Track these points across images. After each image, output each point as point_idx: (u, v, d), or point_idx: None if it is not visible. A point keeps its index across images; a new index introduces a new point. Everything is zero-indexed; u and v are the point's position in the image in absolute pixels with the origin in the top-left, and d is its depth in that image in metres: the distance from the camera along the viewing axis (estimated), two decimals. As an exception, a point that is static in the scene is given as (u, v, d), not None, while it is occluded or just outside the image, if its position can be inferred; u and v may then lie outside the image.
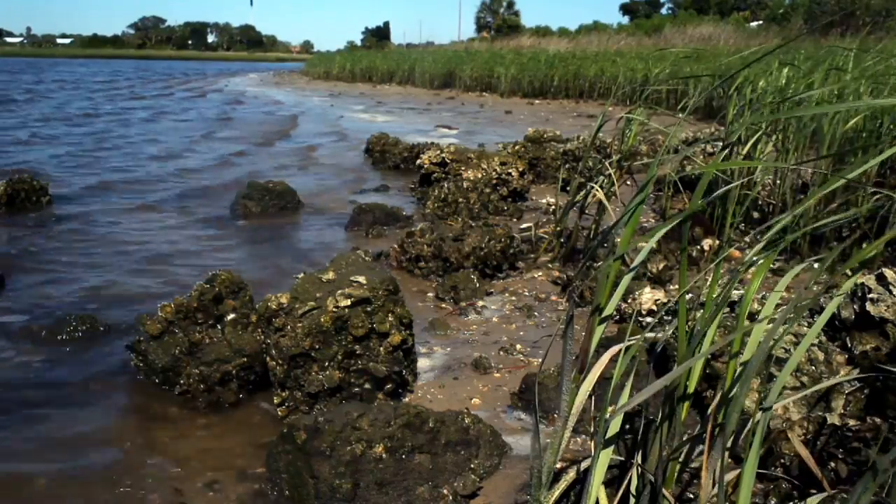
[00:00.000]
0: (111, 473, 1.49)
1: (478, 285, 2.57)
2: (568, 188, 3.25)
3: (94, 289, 2.65)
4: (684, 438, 1.22)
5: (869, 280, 1.47)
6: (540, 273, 2.79)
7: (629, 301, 2.05)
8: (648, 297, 1.97)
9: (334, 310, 1.68)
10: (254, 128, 9.10)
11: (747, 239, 2.53)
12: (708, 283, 1.26)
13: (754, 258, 1.15)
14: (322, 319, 1.67)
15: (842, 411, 1.38)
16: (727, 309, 1.58)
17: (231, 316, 1.84)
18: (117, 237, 3.45)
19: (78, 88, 17.10)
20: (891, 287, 1.45)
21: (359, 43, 63.93)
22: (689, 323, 1.26)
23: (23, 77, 22.94)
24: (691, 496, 1.26)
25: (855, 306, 1.46)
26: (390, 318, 1.74)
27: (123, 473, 1.49)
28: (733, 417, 1.04)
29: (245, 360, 1.81)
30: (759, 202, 2.71)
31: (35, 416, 1.72)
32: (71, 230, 3.55)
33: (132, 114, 10.68)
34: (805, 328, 1.49)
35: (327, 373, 1.69)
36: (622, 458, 1.31)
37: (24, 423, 1.68)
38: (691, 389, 1.42)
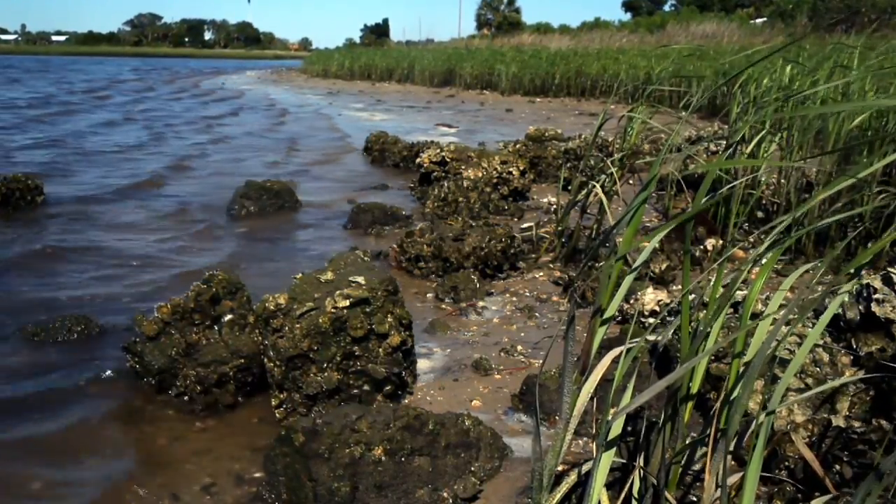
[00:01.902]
0: (107, 477, 1.47)
1: (478, 285, 2.55)
2: (569, 187, 3.23)
3: (88, 289, 2.64)
4: (687, 441, 1.20)
5: (874, 280, 1.45)
6: (541, 273, 2.77)
7: (631, 302, 2.03)
8: (651, 297, 1.95)
9: (333, 310, 1.66)
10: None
11: (751, 239, 2.51)
12: (711, 283, 1.24)
13: (758, 258, 1.13)
14: (320, 320, 1.66)
15: (847, 413, 1.36)
16: (730, 309, 1.57)
17: (228, 317, 1.82)
18: (112, 236, 3.43)
19: (150, 90, 16.61)
20: (897, 287, 1.42)
21: (358, 40, 63.82)
22: (692, 324, 1.24)
23: (72, 76, 22.41)
24: (694, 499, 1.25)
25: (860, 307, 1.44)
26: (389, 319, 1.72)
27: (119, 477, 1.47)
28: (736, 419, 1.02)
29: (242, 361, 1.79)
30: (763, 202, 2.69)
31: (29, 419, 1.70)
32: (65, 229, 3.54)
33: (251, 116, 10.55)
34: (810, 329, 1.47)
35: (326, 374, 1.67)
36: (624, 461, 1.29)
37: (17, 426, 1.67)
38: (694, 390, 1.40)
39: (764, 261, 1.11)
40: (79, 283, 2.71)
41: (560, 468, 1.32)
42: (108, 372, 1.93)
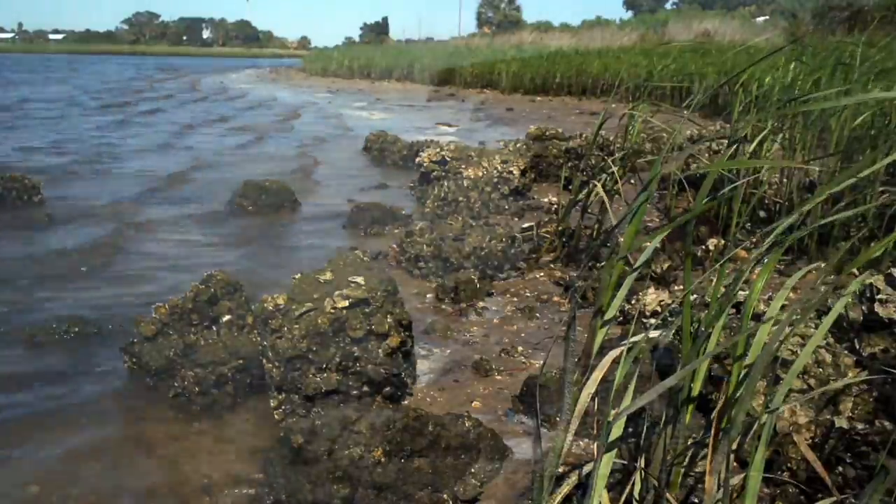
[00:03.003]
0: (104, 479, 1.46)
1: (478, 286, 2.54)
2: (570, 187, 3.22)
3: (85, 289, 2.63)
4: (689, 442, 1.19)
5: (878, 281, 1.44)
6: (542, 273, 2.76)
7: (633, 302, 2.02)
8: (653, 297, 1.94)
9: (332, 311, 1.65)
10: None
11: (754, 239, 2.49)
12: (713, 283, 1.24)
13: (759, 257, 1.12)
14: (319, 321, 1.65)
15: (850, 414, 1.35)
16: (733, 310, 1.55)
17: (227, 317, 1.81)
18: (109, 236, 3.42)
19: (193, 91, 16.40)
20: (901, 288, 1.41)
21: (357, 39, 63.70)
22: (694, 325, 1.23)
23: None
24: (696, 501, 1.24)
25: (863, 307, 1.43)
26: (389, 320, 1.71)
27: (116, 479, 1.46)
28: (738, 420, 1.01)
29: (241, 362, 1.78)
30: (766, 201, 2.67)
31: (25, 420, 1.69)
32: (62, 229, 3.53)
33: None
34: (813, 330, 1.46)
35: (325, 375, 1.66)
36: (626, 462, 1.28)
37: (13, 427, 1.66)
38: (696, 392, 1.39)
39: (766, 261, 1.10)
40: (74, 283, 2.70)
41: (561, 470, 1.31)
42: (105, 373, 1.92)
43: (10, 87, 14.84)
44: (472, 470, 1.42)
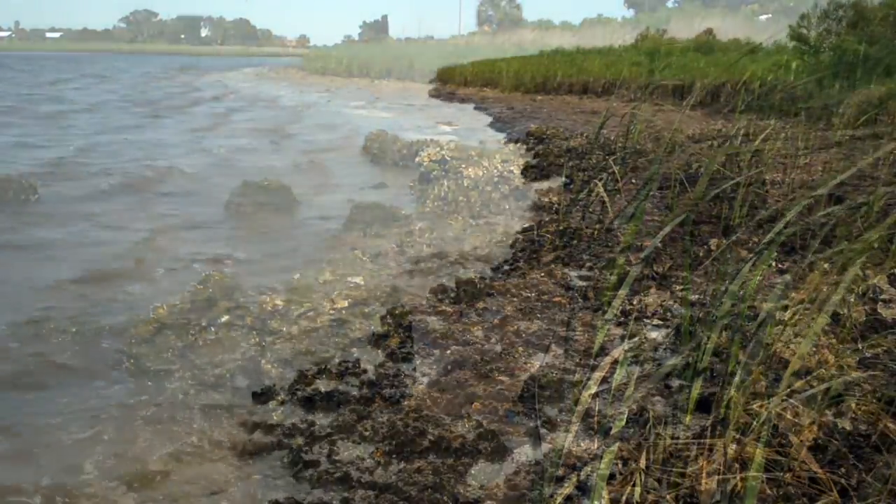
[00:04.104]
0: (102, 481, 1.46)
1: (478, 286, 2.53)
2: (571, 186, 3.21)
3: (84, 289, 2.62)
4: (688, 441, 1.18)
5: (881, 281, 1.43)
6: (542, 273, 2.75)
7: (635, 302, 2.01)
8: (654, 298, 1.93)
9: (331, 311, 1.65)
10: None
11: (755, 238, 2.48)
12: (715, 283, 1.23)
13: (758, 253, 1.11)
14: (319, 321, 1.64)
15: (853, 416, 1.34)
16: (733, 308, 1.54)
17: (225, 318, 1.81)
18: (107, 237, 3.42)
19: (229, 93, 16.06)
20: (904, 288, 1.40)
21: (356, 37, 63.51)
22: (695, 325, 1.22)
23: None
24: (696, 501, 1.23)
25: (866, 308, 1.43)
26: (389, 320, 1.70)
27: (115, 481, 1.46)
28: (734, 416, 1.01)
29: (239, 363, 1.78)
30: (768, 201, 2.66)
31: (24, 421, 1.69)
32: (60, 229, 3.52)
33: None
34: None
35: (324, 377, 1.65)
36: (626, 462, 1.27)
37: (11, 429, 1.65)
38: (696, 391, 1.38)
39: (763, 256, 1.09)
40: (73, 283, 2.69)
41: (562, 470, 1.30)
42: (104, 373, 1.91)
43: (80, 89, 14.67)
44: (473, 471, 1.42)
